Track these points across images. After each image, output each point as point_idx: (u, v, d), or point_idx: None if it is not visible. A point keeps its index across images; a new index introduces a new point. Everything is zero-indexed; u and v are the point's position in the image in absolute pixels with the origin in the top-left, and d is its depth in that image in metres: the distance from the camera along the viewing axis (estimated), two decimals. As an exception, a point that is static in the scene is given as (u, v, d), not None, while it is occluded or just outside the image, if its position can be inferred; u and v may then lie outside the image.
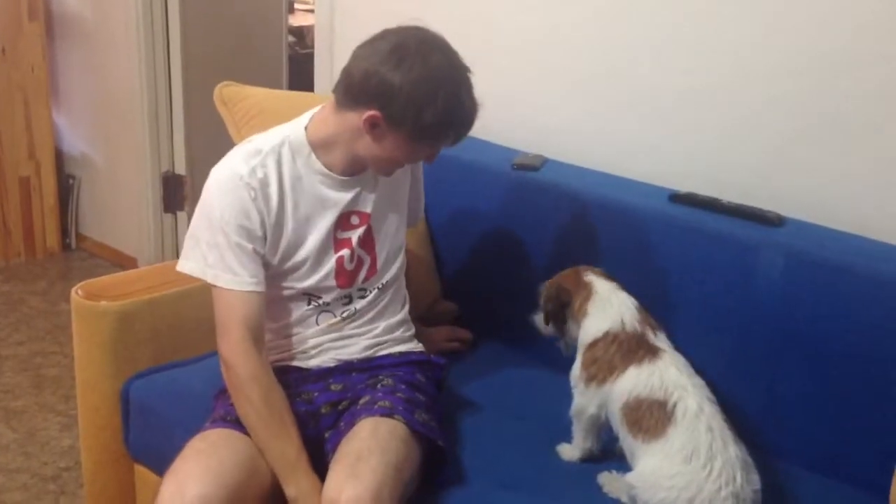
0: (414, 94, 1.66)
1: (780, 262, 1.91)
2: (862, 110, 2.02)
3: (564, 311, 1.86)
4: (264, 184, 1.76)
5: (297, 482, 1.67)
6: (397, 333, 1.97)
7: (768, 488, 1.68)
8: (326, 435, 1.80)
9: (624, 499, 1.73)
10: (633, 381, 1.72)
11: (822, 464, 1.89)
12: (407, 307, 2.01)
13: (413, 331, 2.01)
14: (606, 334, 1.78)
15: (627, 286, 1.90)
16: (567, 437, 1.89)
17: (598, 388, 1.77)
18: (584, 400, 1.81)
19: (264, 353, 1.77)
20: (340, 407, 1.83)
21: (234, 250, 1.73)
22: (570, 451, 1.87)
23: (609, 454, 1.85)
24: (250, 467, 1.68)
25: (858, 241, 1.97)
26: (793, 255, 1.91)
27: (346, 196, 1.84)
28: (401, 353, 1.95)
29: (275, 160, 1.78)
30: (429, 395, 1.88)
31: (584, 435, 1.84)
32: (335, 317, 1.89)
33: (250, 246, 1.74)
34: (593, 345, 1.80)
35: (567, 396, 1.94)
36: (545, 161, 2.38)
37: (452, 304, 2.41)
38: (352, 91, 1.73)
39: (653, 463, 1.65)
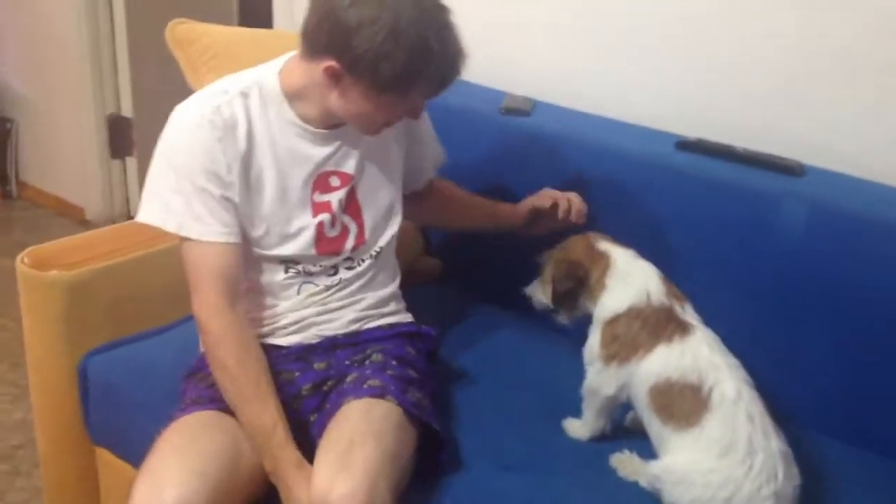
0: (372, 39, 1.45)
1: (802, 215, 1.76)
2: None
3: (580, 288, 1.68)
4: (230, 125, 1.56)
5: (272, 454, 1.49)
6: (387, 308, 1.80)
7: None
8: (312, 419, 1.63)
9: (643, 482, 1.58)
10: (663, 362, 1.55)
11: (846, 431, 1.76)
12: (398, 280, 1.83)
13: (404, 304, 1.84)
14: (630, 309, 1.60)
15: (630, 245, 1.73)
16: (572, 408, 1.73)
17: (620, 367, 1.60)
18: (602, 379, 1.64)
19: (241, 311, 1.59)
20: (325, 387, 1.65)
21: (201, 196, 1.54)
22: (578, 429, 1.71)
23: (620, 432, 1.71)
24: (233, 453, 1.50)
25: (886, 191, 1.82)
26: (817, 207, 1.76)
27: (322, 151, 1.64)
28: (389, 326, 1.77)
29: (242, 103, 1.58)
30: (420, 370, 1.72)
31: (596, 414, 1.68)
32: (317, 287, 1.70)
33: (219, 192, 1.55)
34: (614, 321, 1.62)
35: (569, 362, 1.79)
36: (535, 104, 2.19)
37: (436, 261, 2.23)
38: (308, 37, 1.54)
39: (685, 456, 1.49)
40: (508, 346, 2.00)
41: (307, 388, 1.65)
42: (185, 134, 1.55)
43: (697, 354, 1.54)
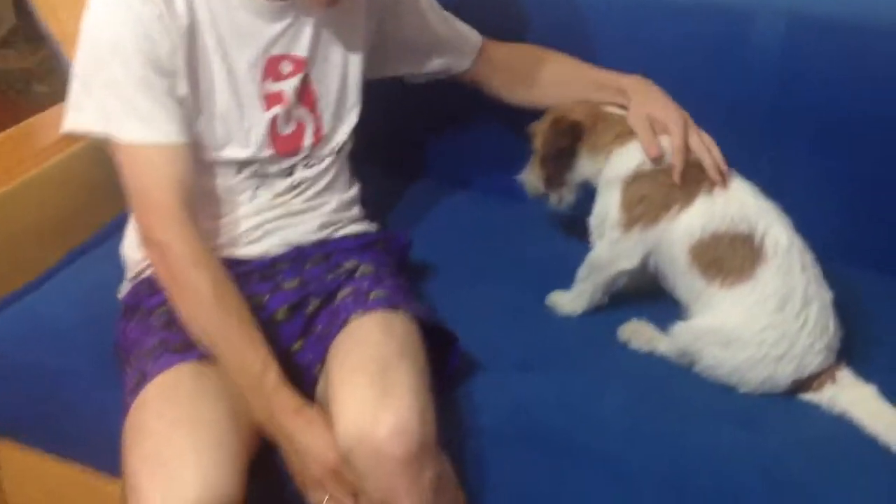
0: None
1: (780, 26, 1.59)
2: None
3: (576, 147, 1.45)
4: None
5: (265, 401, 1.21)
6: (353, 212, 1.53)
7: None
8: (295, 346, 1.35)
9: (662, 348, 1.42)
10: (706, 215, 1.36)
11: (836, 250, 1.62)
12: (357, 183, 1.56)
13: (364, 211, 1.57)
14: (657, 162, 1.40)
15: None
16: (556, 282, 1.54)
17: (645, 230, 1.40)
18: (620, 250, 1.43)
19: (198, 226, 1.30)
20: (308, 310, 1.37)
21: (140, 89, 1.24)
22: (570, 302, 1.51)
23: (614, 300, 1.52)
24: (237, 410, 1.21)
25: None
26: (796, 17, 1.58)
27: (272, 29, 1.34)
28: (357, 235, 1.51)
29: None
30: (406, 278, 1.49)
31: (597, 288, 1.48)
32: (275, 189, 1.41)
33: (165, 82, 1.26)
34: (638, 177, 1.40)
35: (536, 231, 1.64)
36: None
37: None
38: None
39: (738, 312, 1.34)
40: (466, 227, 1.76)
41: (282, 310, 1.37)
42: (115, 14, 1.23)
43: (744, 201, 1.37)
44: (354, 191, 1.54)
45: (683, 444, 1.28)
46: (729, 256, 1.35)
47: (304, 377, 1.31)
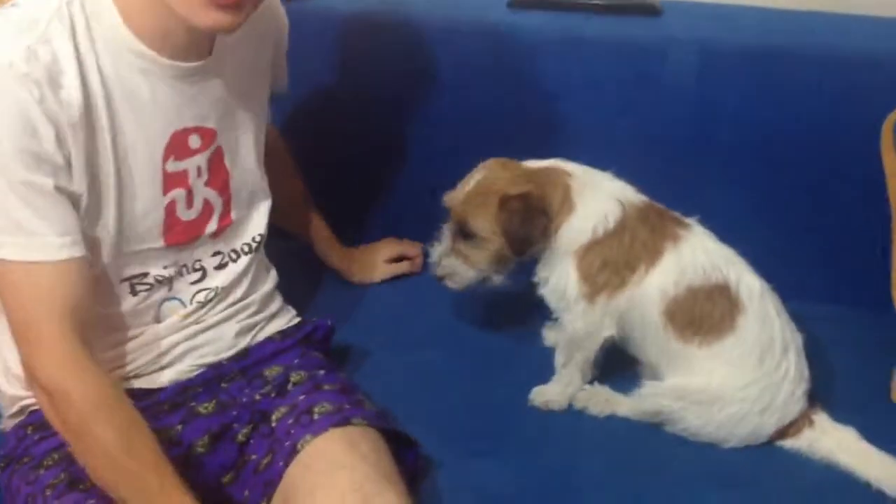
0: None
1: (692, 60, 1.55)
2: None
3: (545, 225, 1.29)
4: (54, 72, 1.02)
5: None
6: (273, 307, 1.35)
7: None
8: (225, 479, 1.17)
9: (623, 411, 1.33)
10: (676, 269, 1.26)
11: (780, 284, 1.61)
12: (273, 269, 1.37)
13: (281, 298, 1.38)
14: (612, 223, 1.27)
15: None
16: (498, 364, 1.43)
17: (612, 298, 1.28)
18: (592, 320, 1.30)
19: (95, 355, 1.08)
20: (237, 438, 1.18)
21: (21, 195, 1.01)
22: (559, 393, 1.36)
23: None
24: None
25: (763, 14, 1.66)
26: (707, 48, 1.55)
27: (178, 96, 1.13)
28: (281, 334, 1.33)
29: (66, 30, 1.03)
30: (340, 372, 1.33)
31: (584, 366, 1.35)
32: (184, 305, 1.21)
33: (49, 182, 1.02)
34: (593, 245, 1.27)
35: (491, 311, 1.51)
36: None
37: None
38: None
39: (721, 370, 1.26)
40: (397, 303, 1.61)
41: (202, 442, 1.17)
42: None
43: (707, 248, 1.28)
44: (273, 280, 1.35)
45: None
46: (707, 312, 1.26)
47: None
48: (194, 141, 1.17)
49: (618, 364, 1.38)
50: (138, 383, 1.19)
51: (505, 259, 1.33)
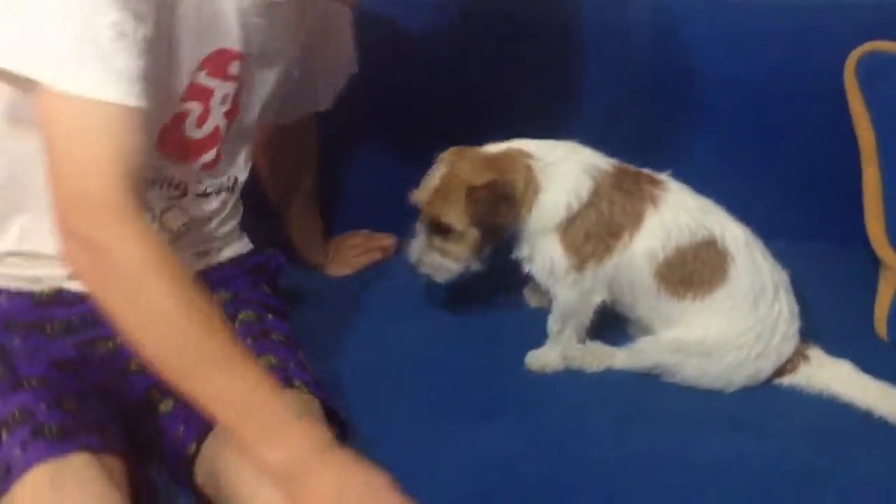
0: None
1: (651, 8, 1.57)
2: None
3: (512, 208, 1.28)
4: None
5: (275, 431, 0.90)
6: (232, 236, 1.30)
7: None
8: (162, 408, 1.10)
9: (619, 363, 1.33)
10: (662, 231, 1.26)
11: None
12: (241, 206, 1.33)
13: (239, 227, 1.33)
14: (587, 194, 1.26)
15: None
16: (488, 334, 1.41)
17: (600, 265, 1.28)
18: (583, 288, 1.31)
19: None
20: None
21: (110, 30, 0.90)
22: (556, 356, 1.34)
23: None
24: None
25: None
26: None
27: (242, 19, 1.09)
28: (231, 260, 1.28)
29: None
30: (286, 321, 1.26)
31: (579, 330, 1.35)
32: (155, 218, 1.15)
33: (140, 30, 0.92)
34: (573, 219, 1.27)
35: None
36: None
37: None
38: None
39: (717, 322, 1.27)
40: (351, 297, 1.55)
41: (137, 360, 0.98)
42: None
43: (687, 205, 1.29)
44: (239, 214, 1.31)
45: (684, 460, 1.18)
46: (698, 268, 1.27)
47: (168, 450, 1.07)
48: (234, 67, 1.11)
49: (608, 321, 1.38)
50: (77, 286, 1.08)
51: (483, 247, 1.32)
